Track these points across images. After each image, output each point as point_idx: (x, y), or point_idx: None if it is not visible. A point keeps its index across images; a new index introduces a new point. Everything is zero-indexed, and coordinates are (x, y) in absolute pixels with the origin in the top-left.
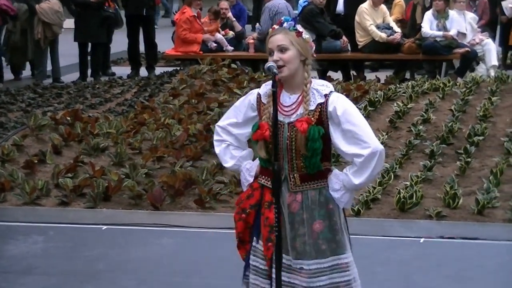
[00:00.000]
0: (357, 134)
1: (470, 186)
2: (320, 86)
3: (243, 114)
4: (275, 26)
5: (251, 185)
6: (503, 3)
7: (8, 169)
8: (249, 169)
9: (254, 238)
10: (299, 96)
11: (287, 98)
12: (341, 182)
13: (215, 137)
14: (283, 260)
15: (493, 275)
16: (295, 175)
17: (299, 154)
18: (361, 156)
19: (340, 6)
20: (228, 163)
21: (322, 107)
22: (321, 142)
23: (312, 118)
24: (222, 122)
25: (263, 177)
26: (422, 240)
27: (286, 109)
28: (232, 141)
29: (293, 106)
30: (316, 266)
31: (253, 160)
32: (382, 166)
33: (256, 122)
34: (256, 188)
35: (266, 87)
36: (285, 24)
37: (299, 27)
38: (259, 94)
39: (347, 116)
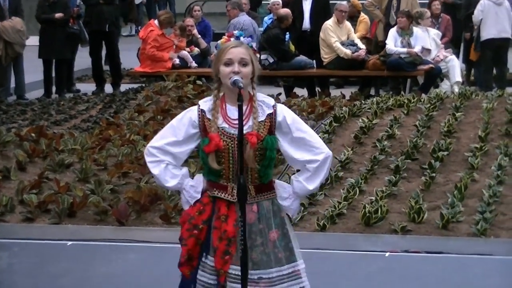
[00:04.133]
0: (309, 141)
1: (435, 200)
2: (265, 98)
3: (184, 132)
4: (228, 38)
5: (200, 201)
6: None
7: None
8: (194, 185)
9: (204, 253)
10: (246, 109)
11: (234, 112)
12: (288, 190)
13: (150, 159)
14: (237, 272)
15: None
16: (250, 186)
17: (255, 166)
18: (316, 162)
19: (306, 23)
20: (169, 182)
21: (272, 117)
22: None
23: (263, 129)
24: (156, 143)
25: (215, 190)
26: (387, 254)
27: (234, 121)
28: (170, 160)
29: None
30: (276, 274)
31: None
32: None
33: (205, 137)
34: (207, 203)
35: (206, 104)
36: (242, 39)
37: (254, 45)
38: (202, 111)
39: (297, 125)
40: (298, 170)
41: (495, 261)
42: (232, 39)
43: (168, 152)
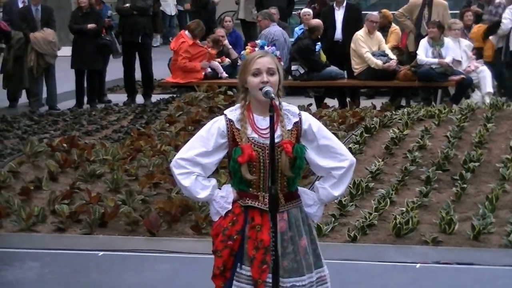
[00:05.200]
0: (333, 148)
1: (466, 212)
2: (289, 107)
3: (213, 143)
4: (252, 48)
5: (232, 211)
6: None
7: (4, 195)
8: (224, 196)
9: (238, 264)
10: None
11: (262, 122)
12: (313, 197)
13: (179, 171)
14: (269, 280)
15: None
16: (279, 195)
17: (284, 174)
18: (341, 169)
19: (338, 34)
20: (200, 194)
21: (298, 126)
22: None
23: (292, 138)
24: (185, 154)
25: (248, 199)
26: (418, 265)
27: (263, 131)
28: (200, 172)
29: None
30: (308, 280)
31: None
32: None
33: (237, 147)
34: (239, 213)
35: (233, 113)
36: (266, 48)
37: (278, 53)
38: (230, 121)
39: (322, 132)
40: (320, 176)
41: None
42: (256, 49)
43: (198, 163)
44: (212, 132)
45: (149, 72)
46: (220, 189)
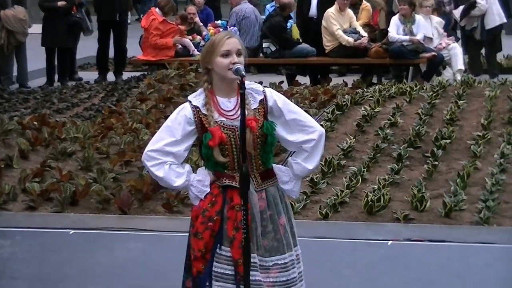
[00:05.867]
0: (301, 121)
1: (437, 189)
2: (252, 85)
3: (181, 131)
4: (216, 29)
5: (211, 193)
6: (454, 12)
7: None
8: (201, 180)
9: (218, 245)
10: (237, 99)
11: (227, 103)
12: (288, 173)
13: (151, 163)
14: (254, 260)
15: (460, 277)
16: (256, 174)
17: (257, 153)
18: (311, 141)
19: (313, 10)
20: (176, 182)
21: (264, 103)
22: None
23: (259, 116)
24: (154, 146)
25: (225, 179)
26: (389, 242)
27: (230, 113)
28: (172, 160)
29: (236, 109)
30: (289, 258)
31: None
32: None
33: (206, 133)
34: (218, 194)
35: (197, 99)
36: (230, 29)
37: (238, 34)
38: (196, 107)
39: (288, 106)
40: (292, 152)
41: (498, 249)
42: (220, 29)
43: (168, 153)
44: (179, 120)
45: (124, 49)
46: (195, 173)
